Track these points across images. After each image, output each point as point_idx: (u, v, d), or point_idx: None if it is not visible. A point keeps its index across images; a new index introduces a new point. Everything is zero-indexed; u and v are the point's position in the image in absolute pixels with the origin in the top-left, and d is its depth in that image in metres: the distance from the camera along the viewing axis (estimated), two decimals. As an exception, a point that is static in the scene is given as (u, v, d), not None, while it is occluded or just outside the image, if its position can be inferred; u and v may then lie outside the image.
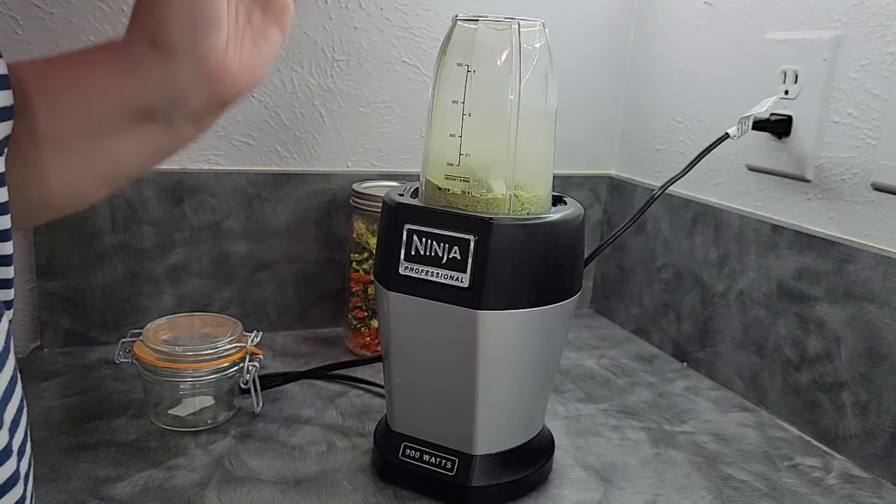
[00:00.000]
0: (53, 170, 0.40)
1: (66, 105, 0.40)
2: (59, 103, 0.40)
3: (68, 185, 0.41)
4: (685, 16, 0.87)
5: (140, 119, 0.40)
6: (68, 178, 0.41)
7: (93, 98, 0.40)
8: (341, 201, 0.85)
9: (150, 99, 0.39)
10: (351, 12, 0.82)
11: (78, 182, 0.41)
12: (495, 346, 0.52)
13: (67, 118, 0.40)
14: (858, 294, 0.64)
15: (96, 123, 0.40)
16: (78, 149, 0.40)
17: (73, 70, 0.41)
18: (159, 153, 0.42)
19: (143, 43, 0.38)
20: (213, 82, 0.39)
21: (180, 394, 0.63)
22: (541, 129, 0.53)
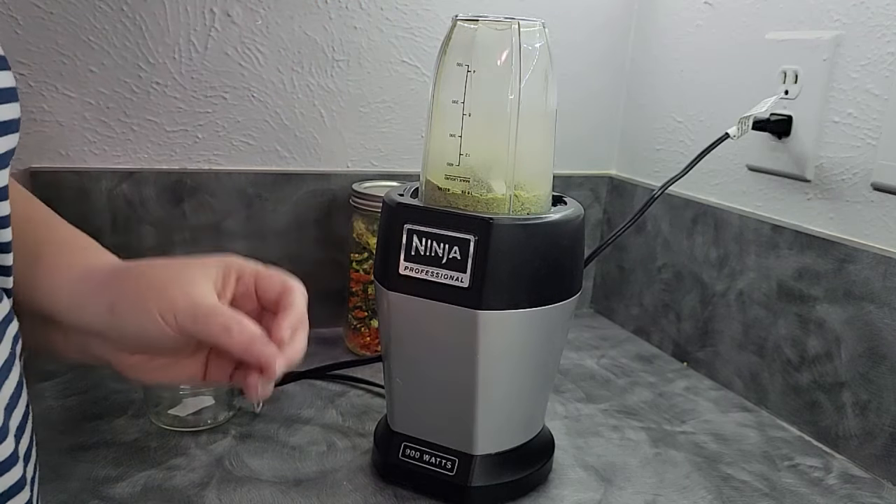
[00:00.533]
0: None
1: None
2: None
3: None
4: (685, 16, 0.87)
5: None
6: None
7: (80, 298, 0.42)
8: (341, 201, 0.85)
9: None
10: (351, 12, 0.82)
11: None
12: (495, 346, 0.52)
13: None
14: (858, 294, 0.64)
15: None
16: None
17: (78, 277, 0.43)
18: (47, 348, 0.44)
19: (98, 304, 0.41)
20: (117, 368, 0.43)
21: (180, 394, 0.63)
22: (541, 129, 0.53)
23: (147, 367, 0.43)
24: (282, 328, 0.40)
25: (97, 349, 0.43)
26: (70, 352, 0.43)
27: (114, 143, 0.77)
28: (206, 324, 0.39)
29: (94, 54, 0.74)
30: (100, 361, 0.43)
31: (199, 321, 0.39)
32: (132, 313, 0.40)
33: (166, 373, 0.43)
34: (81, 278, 0.41)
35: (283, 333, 0.40)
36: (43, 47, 0.72)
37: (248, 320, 0.40)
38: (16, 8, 0.71)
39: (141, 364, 0.43)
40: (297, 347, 0.41)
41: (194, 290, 0.40)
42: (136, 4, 0.74)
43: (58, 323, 0.42)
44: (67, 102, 0.74)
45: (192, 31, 0.77)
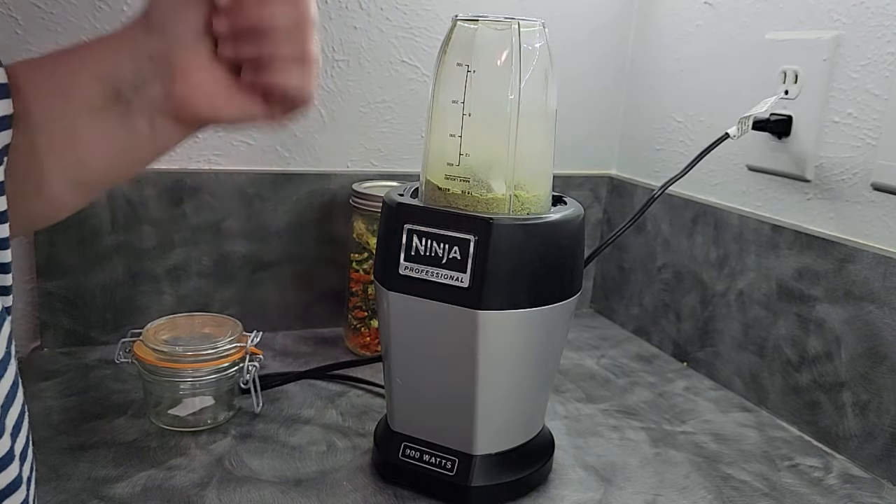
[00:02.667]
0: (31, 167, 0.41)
1: (51, 84, 0.41)
2: (46, 86, 0.41)
3: (36, 184, 0.41)
4: (685, 16, 0.87)
5: (108, 99, 0.41)
6: (37, 177, 0.41)
7: (74, 72, 0.41)
8: (341, 201, 0.85)
9: (122, 72, 0.40)
10: (351, 12, 0.82)
11: (47, 182, 0.42)
12: (495, 346, 0.52)
13: (49, 98, 0.41)
14: (858, 294, 0.64)
15: (71, 100, 0.41)
16: (50, 134, 0.41)
17: (65, 53, 0.43)
18: (115, 152, 0.42)
19: (137, 22, 0.40)
20: (169, 84, 0.40)
21: (180, 394, 0.63)
22: (541, 129, 0.53)
23: (214, 90, 0.41)
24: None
25: (157, 49, 0.40)
26: (138, 125, 0.41)
27: (114, 143, 0.77)
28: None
29: (94, 54, 0.74)
30: (167, 108, 0.41)
31: None
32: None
33: (234, 100, 0.42)
34: (117, 35, 0.42)
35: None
36: (43, 47, 0.72)
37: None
38: (16, 8, 0.71)
39: (207, 83, 0.41)
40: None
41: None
42: (137, 4, 0.74)
43: (115, 98, 0.41)
44: (67, 102, 0.74)
45: (192, 31, 0.77)
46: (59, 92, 0.41)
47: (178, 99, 0.41)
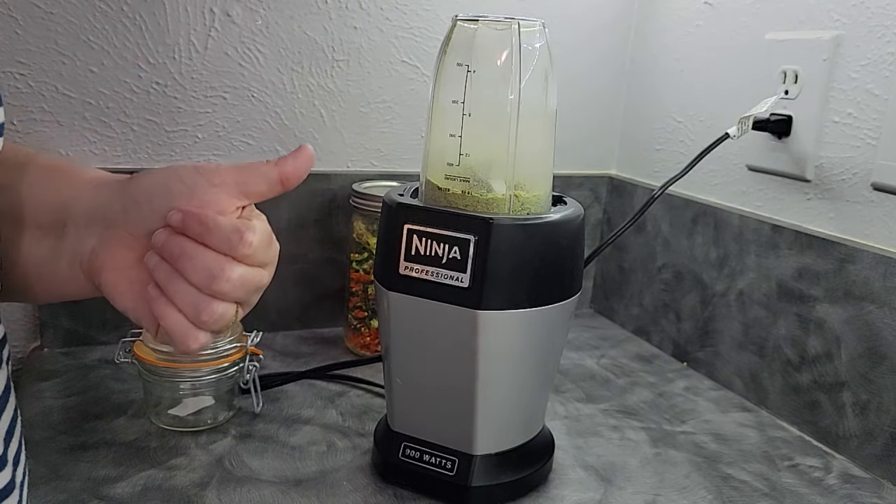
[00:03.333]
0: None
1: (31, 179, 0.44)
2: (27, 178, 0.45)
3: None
4: (685, 16, 0.87)
5: (54, 223, 0.43)
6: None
7: (53, 182, 0.45)
8: (341, 201, 0.85)
9: (79, 212, 0.43)
10: (351, 12, 0.82)
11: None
12: (495, 346, 0.52)
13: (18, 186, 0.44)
14: (858, 294, 0.64)
15: (31, 201, 0.44)
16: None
17: (60, 164, 0.46)
18: (35, 273, 0.44)
19: (119, 183, 0.44)
20: (100, 245, 0.42)
21: (180, 394, 0.63)
22: (541, 129, 0.53)
23: (127, 281, 0.42)
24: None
25: (91, 247, 0.42)
26: (61, 261, 0.43)
27: (114, 143, 0.77)
28: (253, 169, 0.41)
29: (94, 54, 0.74)
30: (81, 281, 0.43)
31: (245, 168, 0.41)
32: (167, 174, 0.41)
33: (133, 298, 0.42)
34: (105, 178, 0.45)
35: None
36: (43, 47, 0.72)
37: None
38: (16, 8, 0.71)
39: (123, 275, 0.42)
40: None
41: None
42: (136, 4, 0.74)
43: (59, 234, 0.43)
44: (67, 102, 0.74)
45: (192, 31, 0.77)
46: (32, 201, 0.44)
47: (96, 263, 0.42)
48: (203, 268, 0.39)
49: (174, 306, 0.39)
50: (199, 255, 0.39)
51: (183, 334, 0.40)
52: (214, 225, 0.39)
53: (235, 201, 0.41)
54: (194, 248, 0.39)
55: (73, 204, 0.43)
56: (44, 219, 0.43)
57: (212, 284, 0.39)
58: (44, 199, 0.44)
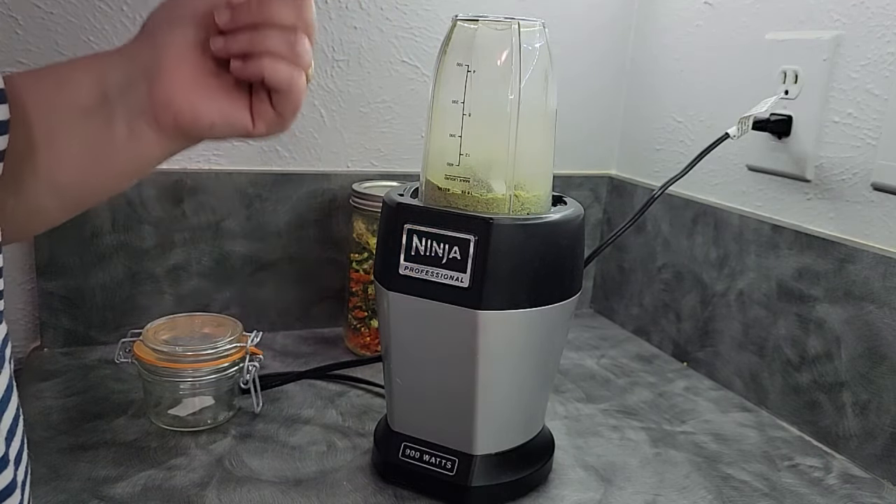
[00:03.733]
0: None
1: (47, 79, 0.42)
2: (42, 82, 0.42)
3: (13, 181, 0.42)
4: (685, 16, 0.87)
5: (95, 99, 0.42)
6: (13, 174, 0.41)
7: (70, 69, 0.43)
8: (341, 201, 0.85)
9: (112, 76, 0.42)
10: (351, 12, 0.82)
11: (22, 180, 0.42)
12: (495, 346, 0.52)
13: (42, 92, 0.42)
14: (858, 294, 0.64)
15: (62, 94, 0.42)
16: (29, 130, 0.41)
17: (65, 61, 0.44)
18: (89, 156, 0.43)
19: (135, 37, 0.43)
20: (153, 82, 0.41)
21: (180, 394, 0.63)
22: (541, 129, 0.53)
23: (197, 89, 0.42)
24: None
25: (144, 57, 0.42)
26: (117, 128, 0.42)
27: (114, 143, 0.77)
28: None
29: (94, 54, 0.74)
30: (150, 117, 0.42)
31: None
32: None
33: (215, 101, 0.42)
34: (117, 47, 0.44)
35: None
36: (43, 47, 0.72)
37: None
38: (16, 8, 0.71)
39: (193, 83, 0.42)
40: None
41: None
42: (136, 4, 0.74)
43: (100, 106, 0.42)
44: (67, 102, 0.74)
45: (192, 31, 0.77)
46: (54, 84, 0.42)
47: (159, 99, 0.41)
48: (283, 13, 0.40)
49: (268, 55, 0.40)
50: (275, 10, 0.40)
51: (289, 77, 0.41)
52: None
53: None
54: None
55: (105, 74, 0.42)
56: (82, 100, 0.42)
57: (299, 13, 0.41)
58: (75, 82, 0.42)
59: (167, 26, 0.41)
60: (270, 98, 0.43)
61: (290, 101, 0.42)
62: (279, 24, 0.40)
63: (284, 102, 0.42)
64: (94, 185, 0.44)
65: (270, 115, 0.43)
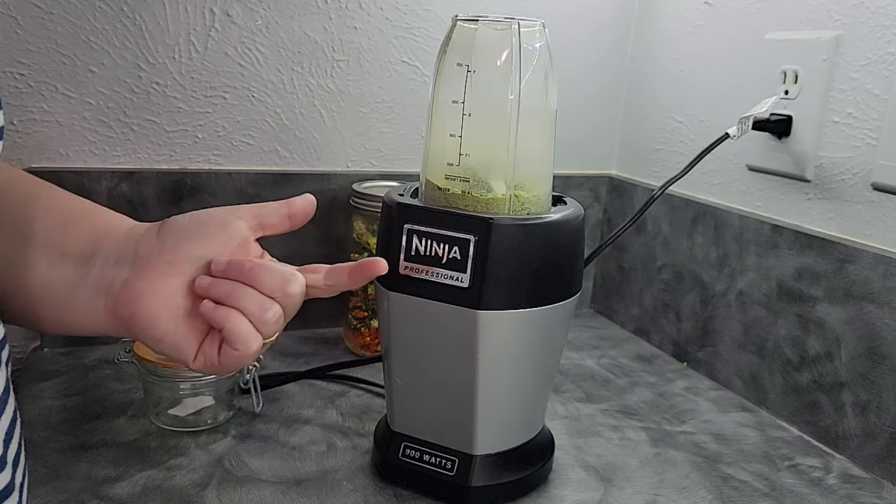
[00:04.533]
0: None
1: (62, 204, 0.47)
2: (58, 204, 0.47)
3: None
4: (685, 16, 0.87)
5: (82, 253, 0.44)
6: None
7: (83, 213, 0.47)
8: (341, 201, 0.85)
9: (109, 244, 0.45)
10: (351, 12, 0.82)
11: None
12: (495, 346, 0.52)
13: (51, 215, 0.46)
14: (858, 294, 0.64)
15: (63, 233, 0.45)
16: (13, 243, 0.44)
17: (85, 201, 0.48)
18: (45, 301, 0.44)
19: (151, 225, 0.46)
20: (135, 274, 0.44)
21: (180, 394, 0.63)
22: (541, 129, 0.53)
23: (166, 305, 0.43)
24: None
25: (120, 278, 0.44)
26: (79, 294, 0.44)
27: (114, 143, 0.77)
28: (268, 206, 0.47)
29: (94, 54, 0.74)
30: (108, 314, 0.44)
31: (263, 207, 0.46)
32: (206, 217, 0.46)
33: (173, 323, 0.43)
34: (138, 223, 0.47)
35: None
36: (43, 47, 0.72)
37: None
38: (16, 8, 0.71)
39: (163, 301, 0.43)
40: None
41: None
42: (136, 4, 0.74)
43: (83, 268, 0.44)
44: (67, 102, 0.74)
45: (192, 31, 0.77)
46: (62, 226, 0.45)
47: (129, 292, 0.43)
48: (269, 282, 0.44)
49: (237, 311, 0.43)
50: (263, 277, 0.44)
51: (246, 336, 0.42)
52: (262, 265, 0.44)
53: (253, 232, 0.46)
54: (244, 287, 0.44)
55: (106, 238, 0.45)
56: (72, 246, 0.44)
57: (284, 287, 0.44)
58: (77, 227, 0.45)
59: (178, 241, 0.44)
60: (220, 347, 0.44)
61: (234, 358, 0.43)
62: (260, 289, 0.43)
63: (229, 357, 0.43)
64: (33, 321, 0.46)
65: (213, 360, 0.44)
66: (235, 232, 0.45)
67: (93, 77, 0.75)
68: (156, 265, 0.43)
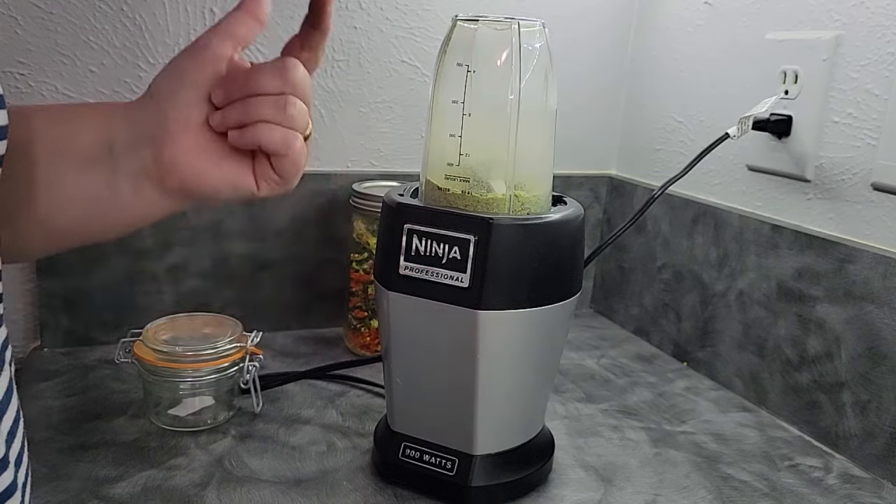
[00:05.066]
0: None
1: (60, 120, 0.44)
2: (55, 121, 0.44)
3: (6, 214, 0.43)
4: (685, 16, 0.87)
5: (101, 150, 0.43)
6: (8, 207, 0.42)
7: (81, 116, 0.44)
8: (341, 201, 0.85)
9: (118, 131, 0.43)
10: (351, 12, 0.82)
11: (15, 216, 0.43)
12: (495, 346, 0.52)
13: (54, 132, 0.43)
14: (858, 294, 0.64)
15: (71, 142, 0.43)
16: (33, 171, 0.42)
17: (74, 104, 0.47)
18: (90, 206, 0.44)
19: (141, 98, 0.44)
20: (159, 147, 0.42)
21: (180, 394, 0.63)
22: (541, 129, 0.53)
23: (201, 155, 0.43)
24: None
25: (151, 119, 0.43)
26: (121, 184, 0.43)
27: (114, 143, 0.77)
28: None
29: (94, 54, 0.74)
30: (154, 177, 0.43)
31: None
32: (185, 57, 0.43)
33: (219, 167, 0.43)
34: (124, 102, 0.45)
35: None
36: (43, 47, 0.72)
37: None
38: (16, 8, 0.71)
39: (198, 151, 0.43)
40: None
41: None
42: (136, 4, 0.74)
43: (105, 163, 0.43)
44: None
45: (192, 31, 0.77)
46: (62, 130, 0.43)
47: (165, 163, 0.42)
48: (269, 82, 0.42)
49: (262, 123, 0.42)
50: (261, 81, 0.43)
51: (283, 141, 0.42)
52: (254, 70, 0.43)
53: (231, 50, 0.44)
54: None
55: (111, 130, 0.43)
56: (87, 149, 0.43)
57: (285, 78, 0.43)
58: (79, 131, 0.44)
59: (172, 94, 0.43)
60: (271, 162, 0.44)
61: (289, 164, 0.44)
62: (267, 92, 0.42)
63: (284, 165, 0.44)
64: (92, 233, 0.45)
65: (273, 178, 0.44)
66: (215, 58, 0.43)
67: (93, 77, 0.75)
68: (170, 129, 0.42)
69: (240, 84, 0.42)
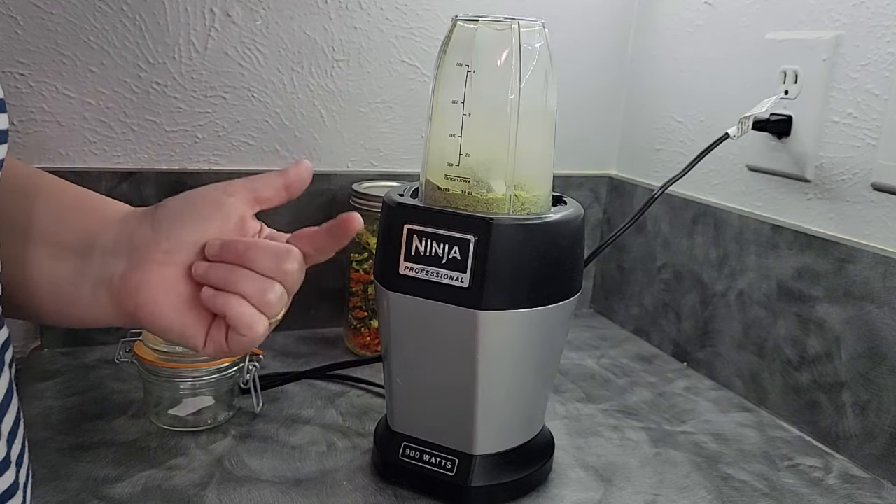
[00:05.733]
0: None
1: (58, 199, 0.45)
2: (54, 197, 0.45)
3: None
4: (685, 16, 0.87)
5: (81, 246, 0.43)
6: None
7: (80, 206, 0.45)
8: (341, 201, 0.85)
9: (106, 235, 0.43)
10: (351, 12, 0.82)
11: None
12: (495, 346, 0.52)
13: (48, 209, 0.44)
14: (858, 294, 0.64)
15: (60, 224, 0.44)
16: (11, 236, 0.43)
17: (82, 190, 0.47)
18: (49, 293, 0.44)
19: (144, 211, 0.44)
20: (132, 267, 0.42)
21: (180, 394, 0.63)
22: (541, 129, 0.53)
23: (167, 294, 0.42)
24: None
25: (117, 270, 0.43)
26: (83, 284, 0.43)
27: (114, 143, 0.77)
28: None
29: (94, 54, 0.74)
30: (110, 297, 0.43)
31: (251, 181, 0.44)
32: (196, 199, 0.43)
33: (177, 312, 0.43)
34: (131, 209, 0.46)
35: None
36: (43, 47, 0.72)
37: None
38: (16, 8, 0.71)
39: (164, 291, 0.42)
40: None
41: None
42: (136, 4, 0.74)
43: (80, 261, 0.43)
44: (67, 102, 0.74)
45: (192, 31, 0.77)
46: (60, 221, 0.44)
47: (129, 285, 0.42)
48: (264, 262, 0.43)
49: (238, 296, 0.41)
50: (258, 258, 0.43)
51: (249, 321, 0.42)
52: (256, 244, 0.42)
53: (249, 209, 0.44)
54: (241, 270, 0.42)
55: (102, 229, 0.44)
56: (70, 238, 0.43)
57: (280, 265, 0.43)
58: (73, 219, 0.44)
59: (172, 225, 0.43)
60: (227, 331, 0.43)
61: (241, 343, 0.43)
62: (257, 270, 0.42)
63: (237, 341, 0.43)
64: (43, 315, 0.45)
65: (221, 344, 0.43)
66: (231, 211, 0.43)
67: (93, 77, 0.75)
68: (153, 255, 0.42)
69: (237, 250, 0.42)
